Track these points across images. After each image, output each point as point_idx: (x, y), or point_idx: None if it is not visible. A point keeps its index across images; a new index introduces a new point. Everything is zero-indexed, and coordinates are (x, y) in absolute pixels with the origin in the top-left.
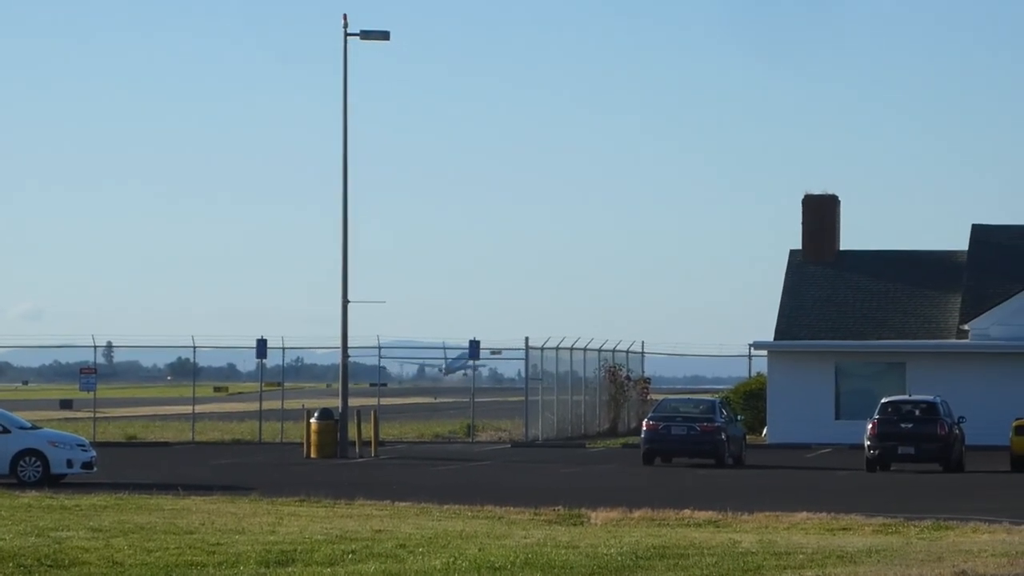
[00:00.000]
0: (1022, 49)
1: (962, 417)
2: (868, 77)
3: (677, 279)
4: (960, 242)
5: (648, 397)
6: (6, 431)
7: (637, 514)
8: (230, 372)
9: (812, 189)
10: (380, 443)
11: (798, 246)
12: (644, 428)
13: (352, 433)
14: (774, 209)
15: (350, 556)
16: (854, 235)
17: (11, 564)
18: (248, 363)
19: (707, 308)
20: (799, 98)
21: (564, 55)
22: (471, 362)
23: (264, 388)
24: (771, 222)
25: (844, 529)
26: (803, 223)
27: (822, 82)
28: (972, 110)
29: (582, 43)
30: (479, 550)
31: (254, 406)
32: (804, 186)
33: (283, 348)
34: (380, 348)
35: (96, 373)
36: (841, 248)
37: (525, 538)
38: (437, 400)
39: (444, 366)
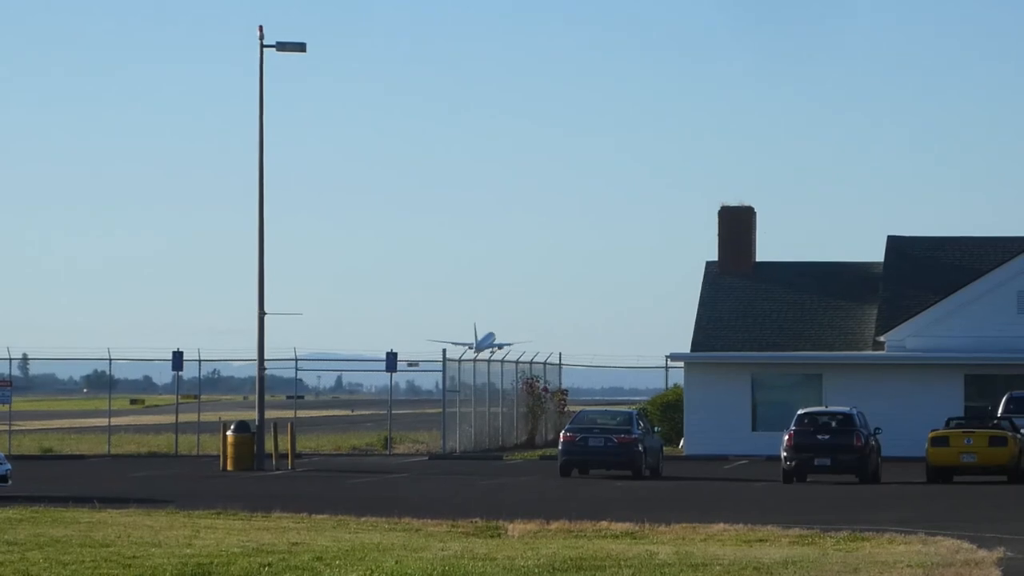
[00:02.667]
0: (935, 65)
1: (878, 428)
2: (783, 89)
3: (594, 291)
4: (876, 254)
5: (565, 409)
6: None
7: (554, 526)
8: (146, 384)
9: (728, 201)
10: (297, 455)
11: (714, 258)
12: (561, 440)
13: (269, 446)
14: (690, 221)
15: (267, 569)
16: (770, 247)
17: None
18: (164, 376)
19: (624, 319)
20: (715, 109)
21: (478, 66)
22: (496, 341)
23: (180, 400)
24: (687, 234)
25: (761, 540)
26: (719, 235)
27: (738, 93)
28: (888, 123)
29: (495, 55)
30: (396, 563)
31: (170, 419)
32: (720, 198)
33: (199, 360)
34: (297, 360)
35: (11, 385)
36: (757, 260)
37: (442, 550)
38: (354, 412)
39: (475, 344)
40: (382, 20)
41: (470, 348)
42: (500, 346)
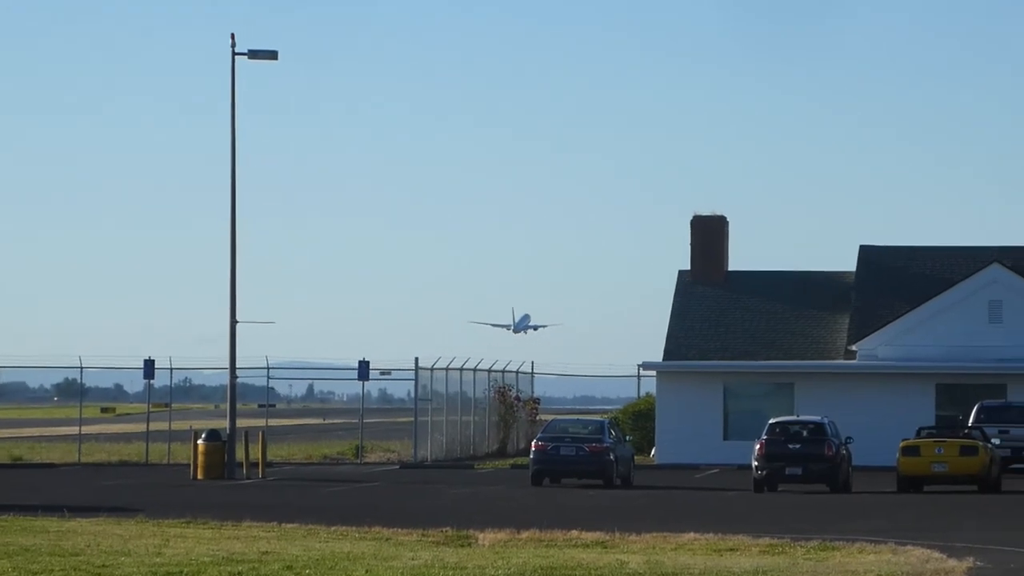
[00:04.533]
0: (908, 77)
1: (849, 438)
2: (756, 98)
3: (567, 299)
4: (848, 263)
5: (537, 418)
6: None
7: (525, 535)
8: (117, 393)
9: (700, 210)
10: (268, 464)
11: (687, 267)
12: (533, 449)
13: (240, 454)
14: (663, 230)
15: None
16: (743, 256)
17: None
18: (136, 384)
19: (596, 328)
20: (688, 117)
21: (447, 72)
22: (532, 323)
23: (151, 409)
24: (660, 243)
25: (731, 550)
26: (692, 244)
27: (711, 101)
28: (859, 132)
29: (465, 61)
30: (366, 572)
31: (141, 427)
32: (693, 207)
33: (171, 368)
34: (269, 369)
35: None
36: (730, 269)
37: (413, 560)
38: (326, 421)
39: (512, 326)
40: (357, 26)
41: (508, 329)
42: (536, 327)
